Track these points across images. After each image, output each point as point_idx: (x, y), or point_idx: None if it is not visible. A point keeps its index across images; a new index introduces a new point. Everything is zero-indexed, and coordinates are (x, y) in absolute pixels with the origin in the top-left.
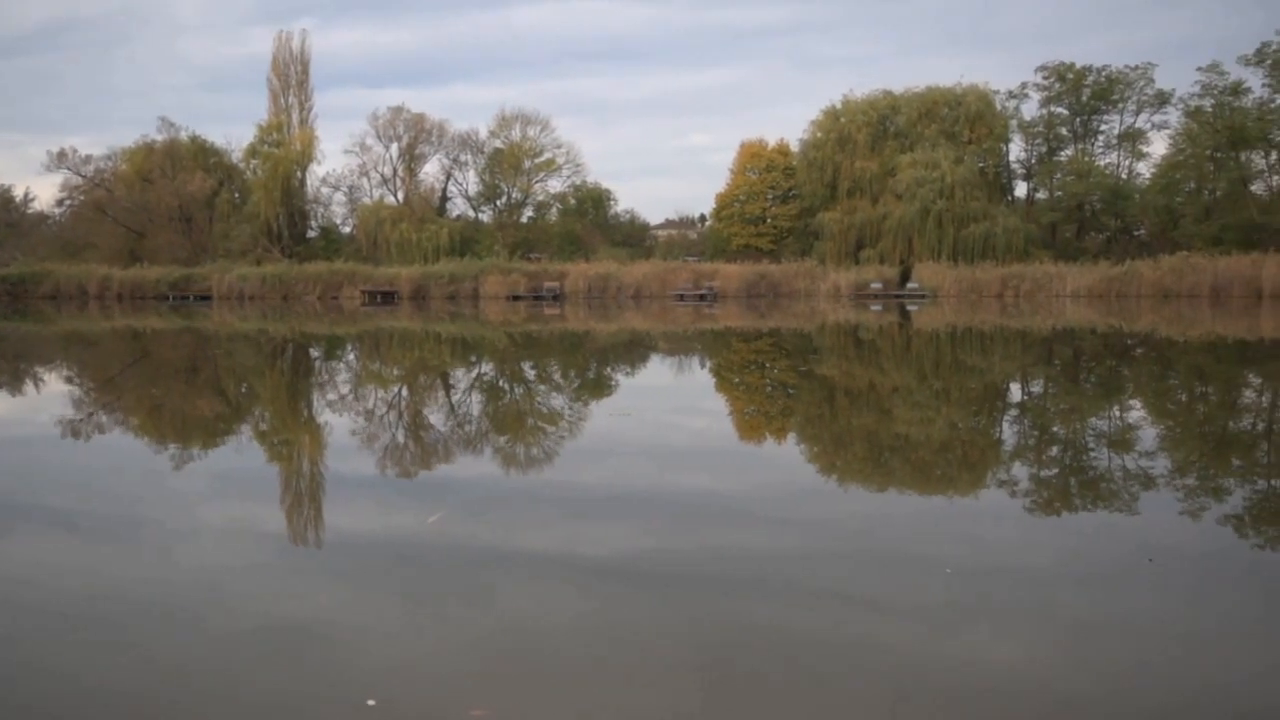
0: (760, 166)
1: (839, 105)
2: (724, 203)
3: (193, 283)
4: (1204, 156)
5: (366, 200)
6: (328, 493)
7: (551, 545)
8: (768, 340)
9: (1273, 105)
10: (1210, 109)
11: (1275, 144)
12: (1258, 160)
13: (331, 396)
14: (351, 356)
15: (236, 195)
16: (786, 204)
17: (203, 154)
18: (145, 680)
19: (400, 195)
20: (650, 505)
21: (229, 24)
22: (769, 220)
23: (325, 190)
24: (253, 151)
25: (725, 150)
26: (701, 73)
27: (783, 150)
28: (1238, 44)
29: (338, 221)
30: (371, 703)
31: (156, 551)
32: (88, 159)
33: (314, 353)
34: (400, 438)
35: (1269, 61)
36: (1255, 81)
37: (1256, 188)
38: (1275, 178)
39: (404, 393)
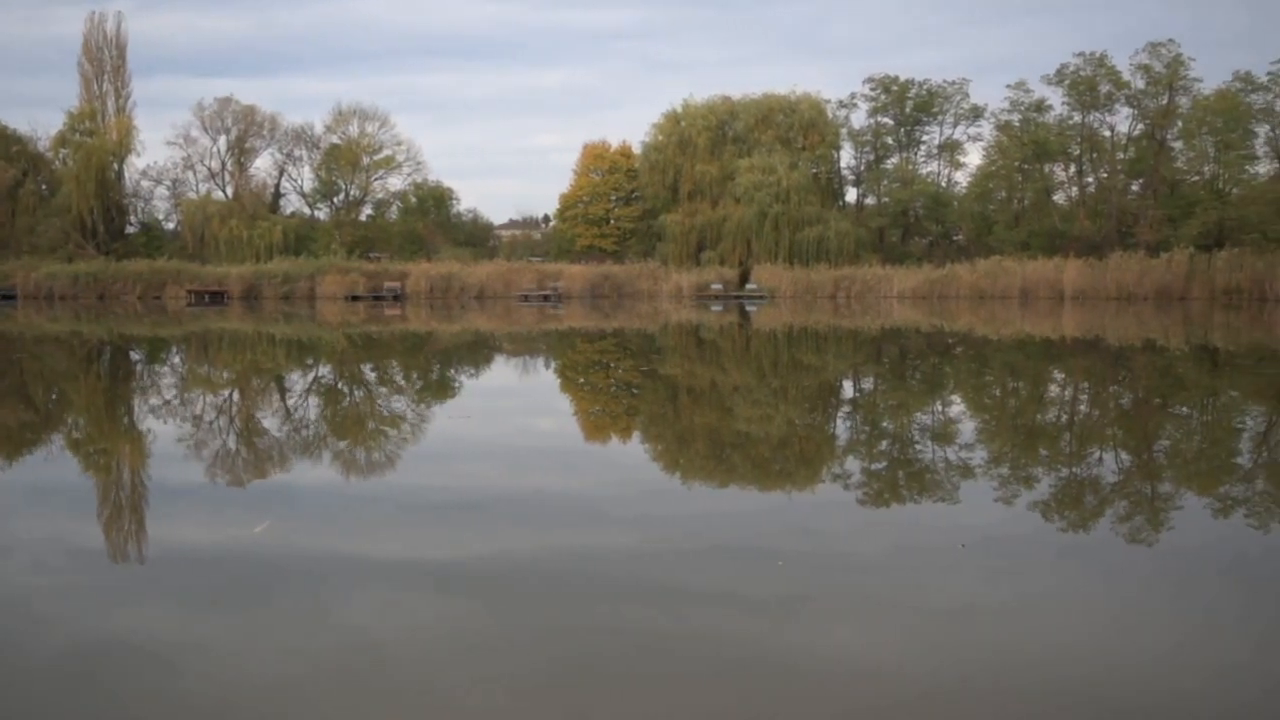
0: (603, 168)
1: (680, 109)
2: (568, 203)
3: None
4: (1013, 168)
5: (192, 195)
6: (151, 504)
7: (392, 552)
8: (612, 340)
9: (1071, 122)
10: (1018, 124)
11: (1074, 157)
12: (1059, 172)
13: (155, 402)
14: (177, 360)
15: (44, 187)
16: (630, 205)
17: (3, 141)
18: None
19: (229, 190)
20: (494, 508)
21: (31, 1)
22: (613, 221)
23: (146, 184)
24: (62, 140)
25: (569, 151)
26: (545, 72)
27: (625, 152)
28: (1042, 63)
29: (160, 217)
30: None
31: None
32: None
33: (135, 356)
34: (231, 444)
35: (1067, 81)
36: (1056, 99)
37: (1058, 198)
38: (1074, 189)
39: (235, 397)
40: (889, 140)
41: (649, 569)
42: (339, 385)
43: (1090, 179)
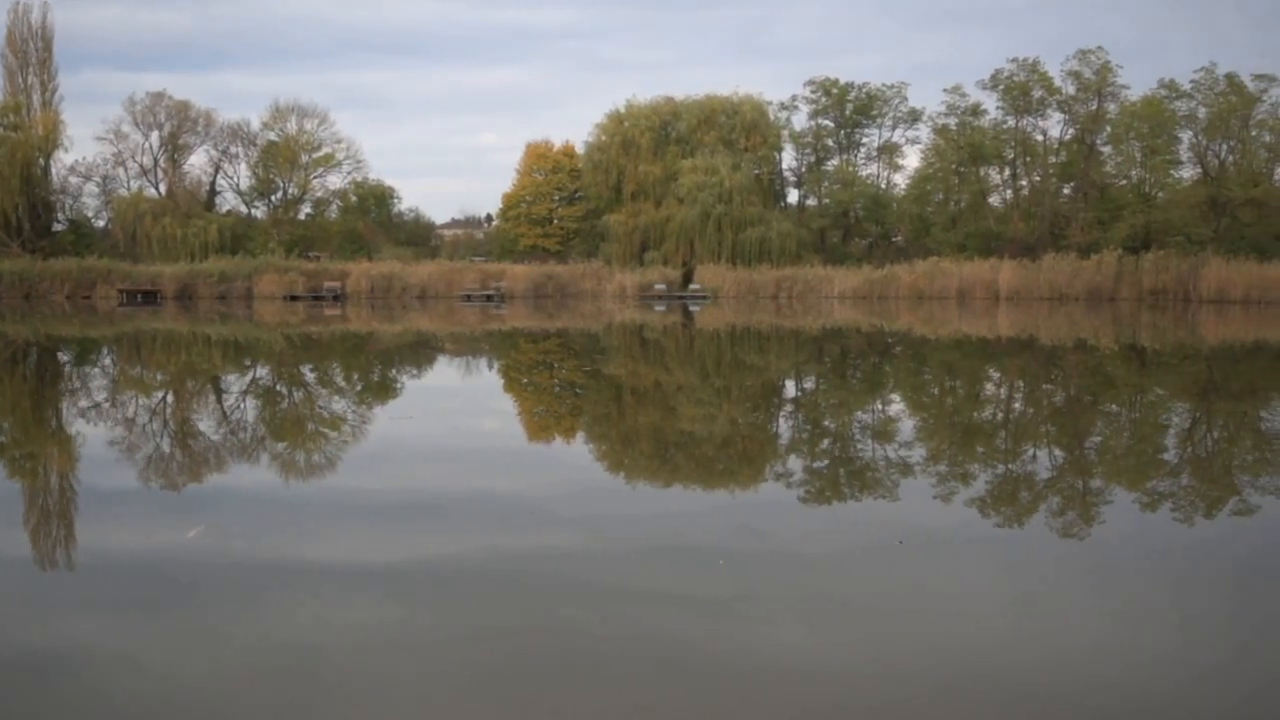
0: (546, 168)
1: (623, 109)
2: (511, 203)
3: None
4: (950, 170)
5: (123, 192)
6: (80, 509)
7: (331, 555)
8: (556, 340)
9: (1005, 126)
10: (954, 127)
11: (1008, 161)
12: (994, 175)
13: (84, 405)
14: (108, 361)
15: None
16: (573, 205)
17: None
18: None
19: (162, 188)
20: (437, 510)
21: None
22: (556, 221)
23: (74, 180)
24: None
25: (512, 150)
26: (488, 71)
27: (568, 152)
28: (978, 68)
29: (90, 215)
30: None
31: None
32: None
33: (64, 357)
34: (165, 447)
35: (1001, 86)
36: (991, 104)
37: (994, 200)
38: (1008, 191)
39: (169, 400)
40: (829, 142)
41: (592, 569)
42: (277, 387)
43: (1024, 182)
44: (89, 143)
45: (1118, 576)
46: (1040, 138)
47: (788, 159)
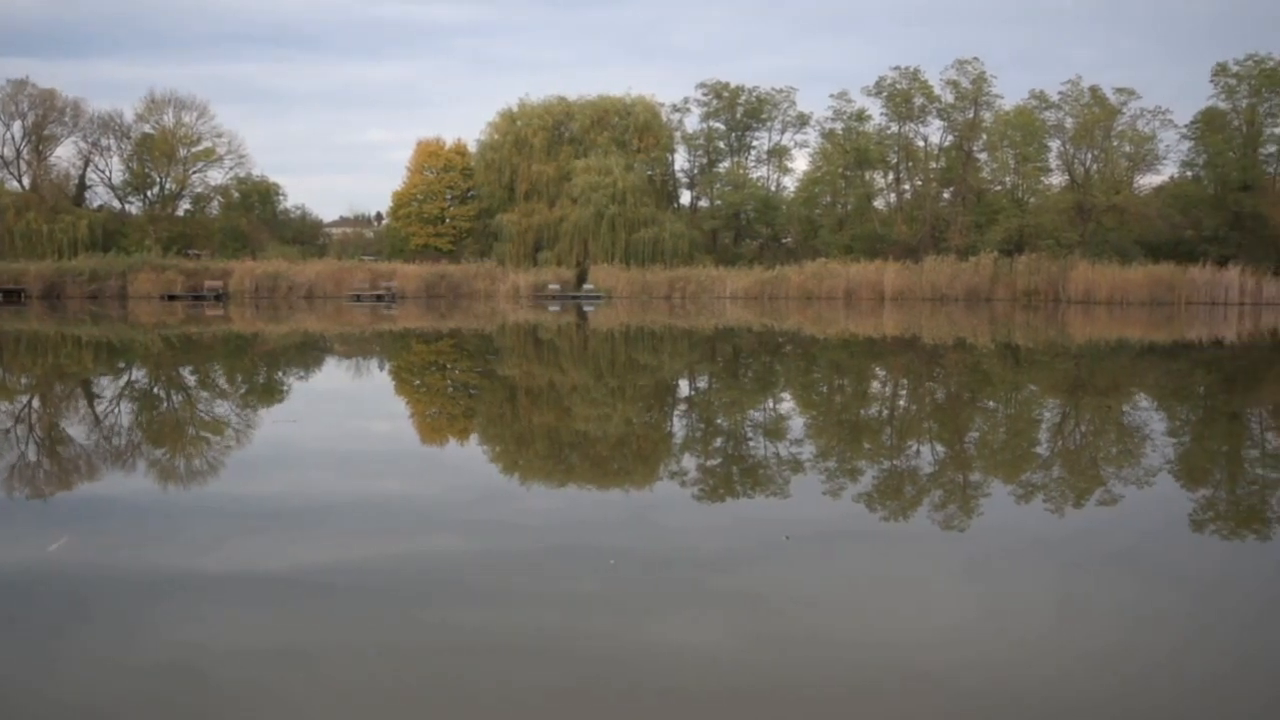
0: (438, 166)
1: (515, 109)
2: (401, 201)
3: None
4: (837, 174)
5: None
6: None
7: (213, 565)
8: (448, 341)
9: (889, 132)
10: (841, 132)
11: (891, 165)
12: (879, 179)
13: None
14: None
15: None
16: (465, 204)
17: None
18: None
19: (26, 181)
20: (324, 514)
21: None
22: (448, 220)
23: None
24: None
25: (402, 148)
26: (378, 66)
27: (460, 150)
28: (864, 75)
29: None
30: None
31: None
32: None
33: None
34: (28, 454)
35: (885, 94)
36: (875, 110)
37: (879, 204)
38: (893, 195)
39: (34, 403)
40: (721, 144)
41: (483, 572)
42: (154, 390)
43: (906, 186)
44: None
45: (994, 565)
46: (922, 143)
47: (680, 160)
